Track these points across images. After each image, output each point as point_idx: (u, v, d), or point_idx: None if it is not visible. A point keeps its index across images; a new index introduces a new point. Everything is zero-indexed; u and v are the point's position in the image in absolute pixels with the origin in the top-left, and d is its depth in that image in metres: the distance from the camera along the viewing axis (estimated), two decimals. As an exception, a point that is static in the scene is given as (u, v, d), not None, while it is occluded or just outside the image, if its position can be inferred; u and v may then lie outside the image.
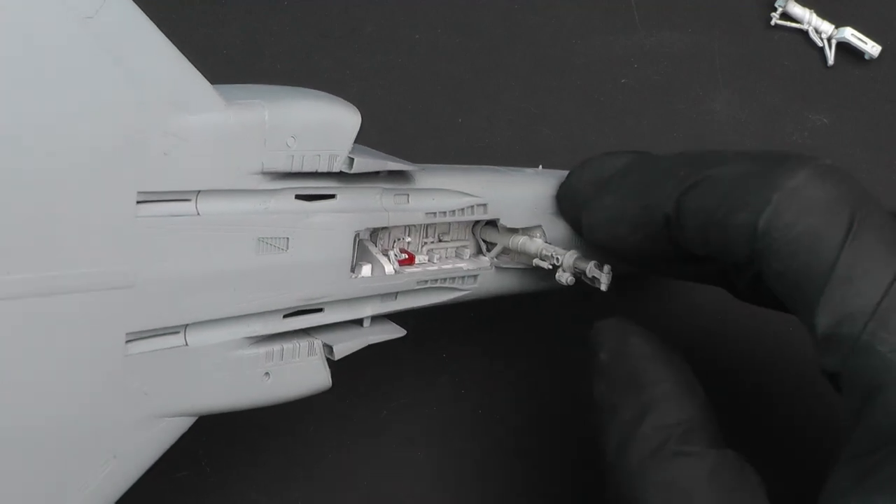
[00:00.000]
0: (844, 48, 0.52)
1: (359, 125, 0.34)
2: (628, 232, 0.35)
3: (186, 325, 0.32)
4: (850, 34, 0.52)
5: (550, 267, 0.39)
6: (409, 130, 0.49)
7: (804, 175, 0.30)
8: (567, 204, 0.40)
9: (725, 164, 0.32)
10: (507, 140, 0.50)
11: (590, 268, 0.37)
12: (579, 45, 0.51)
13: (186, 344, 0.32)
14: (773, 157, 0.32)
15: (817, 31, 0.52)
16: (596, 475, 0.48)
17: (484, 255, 0.41)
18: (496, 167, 0.41)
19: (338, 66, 0.48)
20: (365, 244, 0.37)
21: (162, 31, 0.30)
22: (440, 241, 0.40)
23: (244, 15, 0.47)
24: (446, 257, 0.40)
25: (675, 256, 0.35)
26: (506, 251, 0.41)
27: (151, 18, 0.29)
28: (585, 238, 0.39)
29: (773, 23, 0.52)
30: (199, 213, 0.31)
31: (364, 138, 0.35)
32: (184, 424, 0.32)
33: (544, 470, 0.48)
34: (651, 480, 0.31)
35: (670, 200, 0.33)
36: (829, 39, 0.52)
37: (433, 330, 0.42)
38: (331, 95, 0.34)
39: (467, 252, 0.41)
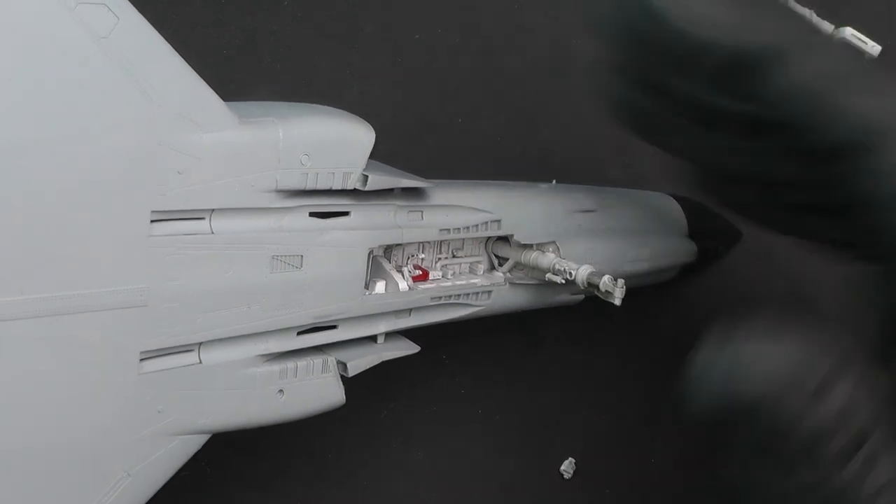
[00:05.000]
0: (844, 48, 0.52)
1: (373, 142, 0.34)
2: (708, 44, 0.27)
3: (200, 343, 0.32)
4: (850, 34, 0.52)
5: (563, 281, 0.39)
6: (409, 130, 0.49)
7: None
8: None
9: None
10: (508, 140, 0.50)
11: (603, 282, 0.37)
12: (579, 45, 0.51)
13: (200, 362, 0.32)
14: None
15: (817, 31, 0.52)
16: (595, 474, 0.48)
17: (497, 271, 0.41)
18: (509, 182, 0.41)
19: (338, 66, 0.48)
20: (379, 261, 0.36)
21: (162, 31, 0.30)
22: (454, 256, 0.40)
23: (244, 15, 0.47)
24: (460, 273, 0.40)
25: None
26: (518, 266, 0.41)
27: (151, 19, 0.29)
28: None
29: (773, 23, 0.52)
30: (213, 232, 0.31)
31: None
32: (197, 442, 0.32)
33: (544, 470, 0.48)
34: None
35: (776, 56, 0.26)
36: (828, 39, 0.52)
37: (433, 331, 0.42)
38: (344, 112, 0.34)
39: (481, 268, 0.41)
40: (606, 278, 0.37)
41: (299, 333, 0.35)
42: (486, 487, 0.47)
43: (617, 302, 0.37)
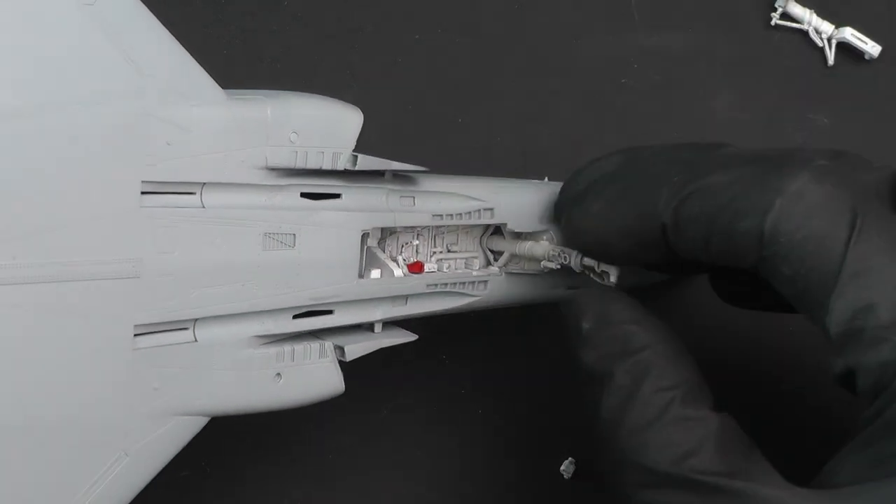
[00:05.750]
0: (844, 48, 0.52)
1: (361, 123, 0.34)
2: (618, 239, 0.35)
3: (196, 321, 0.32)
4: (850, 34, 0.52)
5: (559, 267, 0.39)
6: (409, 130, 0.49)
7: (805, 178, 0.30)
8: (563, 215, 0.40)
9: (722, 169, 0.33)
10: (508, 140, 0.50)
11: (598, 263, 0.37)
12: (579, 45, 0.51)
13: (196, 340, 0.32)
14: (769, 160, 0.32)
15: (817, 31, 0.52)
16: (595, 475, 0.48)
17: (493, 265, 0.41)
18: (500, 177, 0.41)
19: (338, 66, 0.48)
20: (373, 251, 0.37)
21: (162, 30, 0.30)
22: (449, 251, 0.40)
23: (244, 15, 0.47)
24: (455, 267, 0.40)
25: (664, 262, 0.35)
26: (514, 258, 0.41)
27: (151, 18, 0.30)
28: (570, 243, 0.39)
29: (773, 23, 0.52)
30: (204, 206, 0.31)
31: (364, 138, 0.35)
32: (196, 424, 0.32)
33: (545, 470, 0.48)
34: (654, 443, 0.31)
35: (667, 209, 0.33)
36: (829, 39, 0.52)
37: (433, 331, 0.42)
38: (333, 98, 0.34)
39: (476, 263, 0.41)
40: None
41: (295, 317, 0.34)
42: (486, 487, 0.47)
43: (613, 279, 0.37)
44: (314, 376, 0.35)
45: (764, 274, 0.31)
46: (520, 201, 0.40)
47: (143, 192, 0.30)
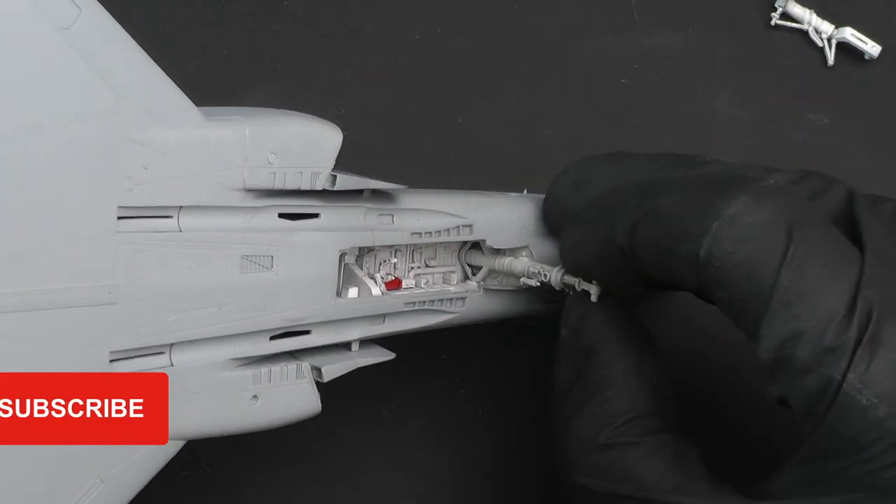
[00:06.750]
0: (844, 48, 0.52)
1: (340, 142, 0.34)
2: (595, 264, 0.35)
3: (172, 345, 0.32)
4: (850, 34, 0.52)
5: (538, 284, 0.39)
6: (409, 130, 0.49)
7: (741, 201, 0.30)
8: (553, 215, 0.40)
9: (671, 192, 0.32)
10: (507, 140, 0.50)
11: (578, 281, 0.37)
12: (579, 45, 0.51)
13: (172, 364, 0.32)
14: (716, 182, 0.32)
15: (817, 31, 0.52)
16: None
17: (471, 280, 0.41)
18: (479, 191, 0.41)
19: (338, 66, 0.48)
20: (351, 268, 0.36)
21: (162, 31, 0.30)
22: (427, 266, 0.40)
23: (244, 15, 0.47)
24: (433, 283, 0.40)
25: (639, 285, 0.35)
26: (492, 274, 0.41)
27: (152, 19, 0.30)
28: (564, 268, 0.39)
29: (773, 23, 0.52)
30: (181, 230, 0.31)
31: (364, 139, 0.35)
32: (171, 448, 0.32)
33: (544, 470, 0.48)
34: (585, 464, 0.33)
35: (623, 234, 0.33)
36: (829, 39, 0.52)
37: (433, 331, 0.42)
38: (312, 116, 0.34)
39: (454, 277, 0.41)
40: (581, 278, 0.37)
41: (272, 338, 0.34)
42: (487, 487, 0.47)
43: (594, 299, 0.37)
44: (291, 397, 0.35)
45: (708, 296, 0.31)
46: (499, 217, 0.40)
47: (119, 217, 0.29)
